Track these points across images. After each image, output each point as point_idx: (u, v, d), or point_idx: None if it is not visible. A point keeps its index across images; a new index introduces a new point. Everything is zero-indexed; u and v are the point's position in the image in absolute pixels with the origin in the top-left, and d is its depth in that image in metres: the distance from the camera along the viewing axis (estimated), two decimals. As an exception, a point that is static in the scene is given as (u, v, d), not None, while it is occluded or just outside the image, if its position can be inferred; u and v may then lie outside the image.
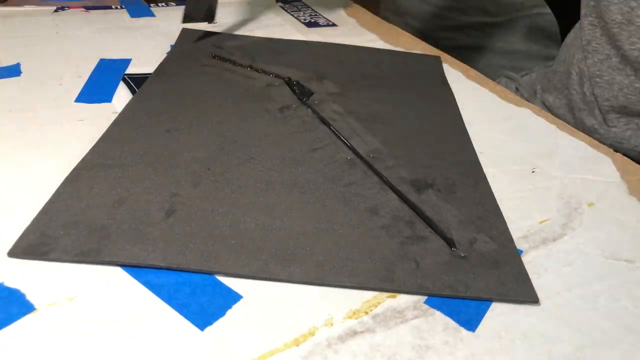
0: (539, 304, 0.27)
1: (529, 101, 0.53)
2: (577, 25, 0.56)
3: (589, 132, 0.51)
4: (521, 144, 0.41)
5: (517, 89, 0.63)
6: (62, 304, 0.25)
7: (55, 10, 0.59)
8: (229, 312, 0.25)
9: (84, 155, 0.34)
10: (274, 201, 0.32)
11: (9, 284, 0.25)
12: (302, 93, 0.45)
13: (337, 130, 0.40)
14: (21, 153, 0.35)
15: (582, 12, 0.53)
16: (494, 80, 0.54)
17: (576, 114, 0.55)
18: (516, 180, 0.37)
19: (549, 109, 0.57)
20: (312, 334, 0.24)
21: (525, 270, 0.29)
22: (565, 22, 0.57)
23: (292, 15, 0.64)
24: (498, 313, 0.26)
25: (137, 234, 0.28)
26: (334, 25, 0.63)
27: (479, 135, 0.42)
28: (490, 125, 0.44)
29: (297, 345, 0.24)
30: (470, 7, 0.79)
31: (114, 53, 0.50)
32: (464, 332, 0.25)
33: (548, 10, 0.73)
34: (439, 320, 0.26)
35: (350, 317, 0.25)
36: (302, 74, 0.48)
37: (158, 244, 0.28)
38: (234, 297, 0.26)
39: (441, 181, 0.35)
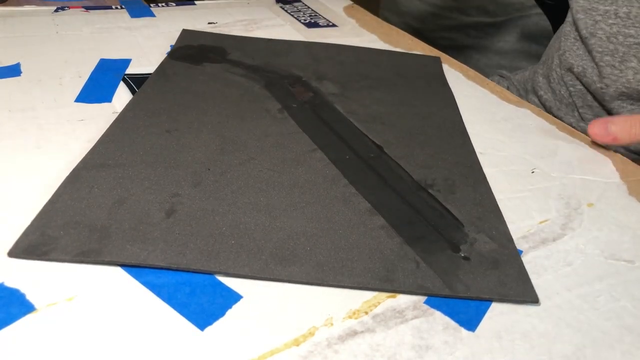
0: (539, 304, 0.27)
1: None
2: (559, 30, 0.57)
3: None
4: (521, 144, 0.41)
5: (508, 87, 0.63)
6: (62, 304, 0.25)
7: (55, 10, 0.59)
8: (229, 312, 0.25)
9: (84, 155, 0.34)
10: (274, 201, 0.32)
11: (9, 284, 0.25)
12: (302, 93, 0.45)
13: (337, 131, 0.40)
14: (21, 153, 0.35)
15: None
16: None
17: (555, 113, 0.55)
18: (516, 180, 0.37)
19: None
20: (312, 334, 0.25)
21: (525, 270, 0.29)
22: (560, 23, 0.58)
23: (292, 15, 0.64)
24: (498, 313, 0.27)
25: (137, 234, 0.28)
26: (334, 25, 0.63)
27: (479, 135, 0.42)
28: (490, 125, 0.44)
29: (297, 345, 0.24)
30: (470, 7, 0.79)
31: (114, 53, 0.50)
32: (464, 332, 0.25)
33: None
34: (439, 320, 0.26)
35: (350, 317, 0.25)
36: (302, 74, 0.48)
37: (158, 244, 0.28)
38: (234, 297, 0.26)
39: (441, 181, 0.35)
